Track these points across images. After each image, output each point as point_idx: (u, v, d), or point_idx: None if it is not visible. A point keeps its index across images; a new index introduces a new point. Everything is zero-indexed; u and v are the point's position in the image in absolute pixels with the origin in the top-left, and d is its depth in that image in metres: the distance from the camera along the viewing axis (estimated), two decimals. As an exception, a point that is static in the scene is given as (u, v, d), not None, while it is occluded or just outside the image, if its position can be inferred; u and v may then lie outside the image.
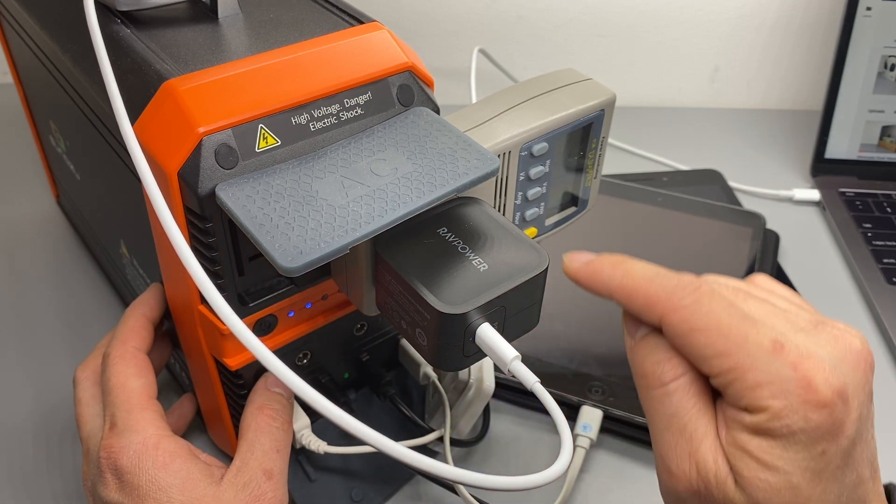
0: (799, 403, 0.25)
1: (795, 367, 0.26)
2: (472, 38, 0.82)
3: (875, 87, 0.72)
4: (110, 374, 0.38)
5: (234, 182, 0.31)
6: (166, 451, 0.35)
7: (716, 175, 0.74)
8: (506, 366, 0.31)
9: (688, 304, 0.28)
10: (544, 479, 0.28)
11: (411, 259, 0.32)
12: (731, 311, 0.28)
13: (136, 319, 0.40)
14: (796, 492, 0.26)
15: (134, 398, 0.37)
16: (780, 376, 0.26)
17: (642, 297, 0.29)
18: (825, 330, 0.28)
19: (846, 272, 0.65)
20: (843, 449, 0.26)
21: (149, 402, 0.37)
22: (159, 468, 0.34)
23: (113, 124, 0.35)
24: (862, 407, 0.27)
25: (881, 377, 0.55)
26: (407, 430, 0.44)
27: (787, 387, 0.26)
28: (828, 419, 0.26)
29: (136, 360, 0.39)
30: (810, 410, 0.25)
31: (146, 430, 0.35)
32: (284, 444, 0.38)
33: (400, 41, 0.37)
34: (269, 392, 0.39)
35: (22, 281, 0.59)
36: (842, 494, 0.26)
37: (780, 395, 0.26)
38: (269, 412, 0.38)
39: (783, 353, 0.26)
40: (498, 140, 0.37)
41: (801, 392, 0.25)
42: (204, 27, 0.37)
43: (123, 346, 0.39)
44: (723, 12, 0.82)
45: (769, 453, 0.26)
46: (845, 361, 0.27)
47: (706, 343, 0.27)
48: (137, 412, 0.36)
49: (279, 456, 0.37)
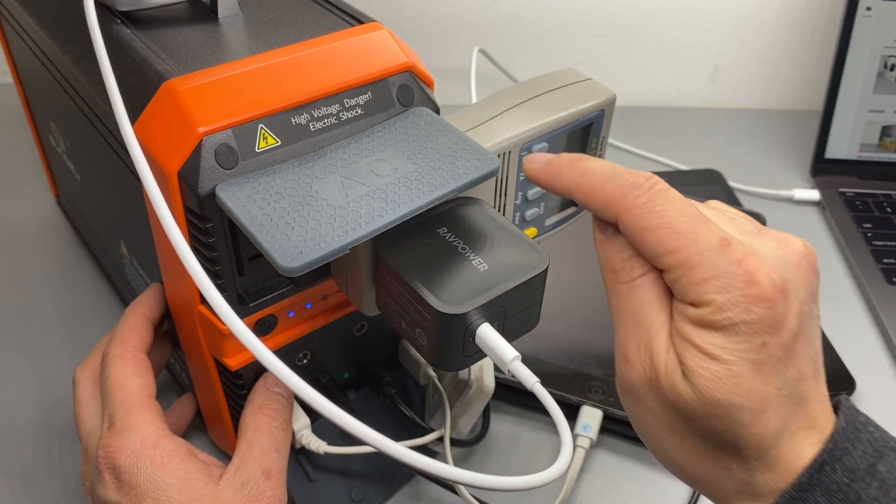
0: (741, 297, 0.26)
1: (739, 264, 0.27)
2: (472, 38, 0.82)
3: (875, 87, 0.72)
4: (109, 373, 0.38)
5: (233, 182, 0.31)
6: (164, 451, 0.35)
7: (716, 175, 0.74)
8: (506, 366, 0.31)
9: (641, 203, 0.29)
10: (544, 479, 0.28)
11: (411, 259, 0.32)
12: (682, 210, 0.28)
13: (135, 319, 0.40)
14: (737, 381, 0.27)
15: (133, 397, 0.37)
16: (725, 272, 0.27)
17: (599, 196, 0.30)
18: (769, 234, 0.30)
19: (846, 272, 0.65)
20: (784, 342, 0.27)
21: (147, 402, 0.37)
22: (157, 467, 0.34)
23: (113, 124, 0.35)
24: (803, 304, 0.28)
25: (881, 377, 0.55)
26: (407, 430, 0.44)
27: (731, 282, 0.27)
28: (769, 313, 0.27)
29: (136, 359, 0.39)
30: (752, 304, 0.26)
31: (145, 430, 0.35)
32: (283, 443, 0.38)
33: (400, 41, 0.37)
34: (269, 392, 0.39)
35: (22, 281, 0.59)
36: (783, 387, 0.27)
37: (723, 289, 0.27)
38: (269, 412, 0.38)
39: (729, 250, 0.27)
40: (498, 140, 0.37)
41: (744, 287, 0.26)
42: (204, 27, 0.37)
43: (123, 346, 0.39)
44: (723, 12, 0.82)
45: (712, 344, 0.27)
46: (788, 261, 0.28)
47: (657, 240, 0.28)
48: (136, 411, 0.36)
49: (278, 455, 0.37)
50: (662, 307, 0.29)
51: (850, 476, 0.27)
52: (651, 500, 0.47)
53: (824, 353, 0.59)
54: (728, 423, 0.27)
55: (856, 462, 0.27)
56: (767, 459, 0.28)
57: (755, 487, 0.28)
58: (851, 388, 0.53)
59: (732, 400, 0.27)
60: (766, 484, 0.28)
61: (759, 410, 0.27)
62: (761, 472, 0.28)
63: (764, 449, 0.28)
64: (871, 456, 0.27)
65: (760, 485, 0.28)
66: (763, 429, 0.27)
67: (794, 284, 0.28)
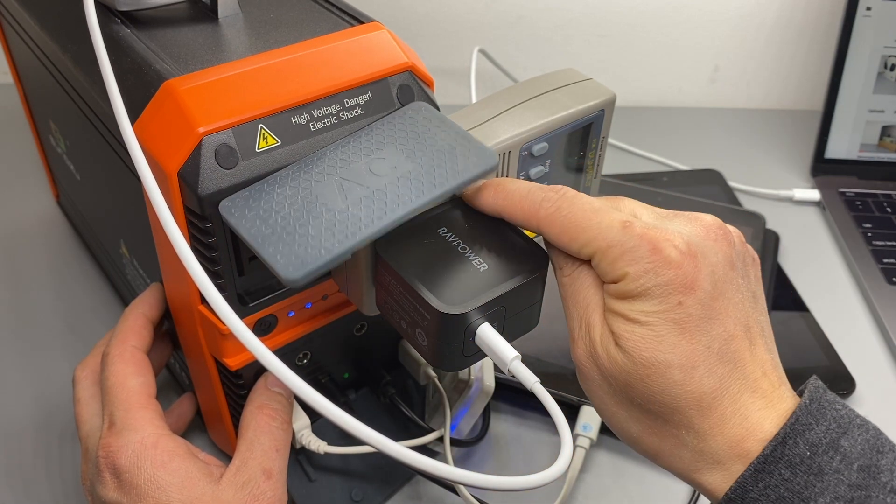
0: (649, 265, 0.29)
1: (642, 237, 0.30)
2: (472, 38, 0.82)
3: (875, 87, 0.72)
4: (109, 373, 0.38)
5: (235, 197, 0.31)
6: (165, 450, 0.35)
7: (716, 175, 0.74)
8: (506, 366, 0.31)
9: (552, 212, 0.32)
10: (544, 479, 0.28)
11: (411, 259, 0.32)
12: (584, 208, 0.31)
13: (135, 319, 0.40)
14: (661, 339, 0.29)
15: (133, 397, 0.37)
16: (631, 246, 0.30)
17: (520, 213, 0.33)
18: (682, 215, 0.32)
19: (846, 272, 0.65)
20: (700, 300, 0.29)
21: (147, 401, 0.37)
22: (158, 467, 0.34)
23: (113, 124, 0.35)
24: (714, 267, 0.30)
25: (881, 377, 0.55)
26: (407, 430, 0.44)
27: (638, 254, 0.29)
28: (678, 273, 0.29)
29: (135, 358, 0.39)
30: (660, 268, 0.29)
31: (145, 429, 0.35)
32: (284, 443, 0.38)
33: (400, 41, 0.37)
34: (269, 391, 0.39)
35: (22, 281, 0.59)
36: (710, 345, 0.29)
37: (633, 261, 0.29)
38: (269, 411, 0.38)
39: (631, 228, 0.30)
40: (498, 140, 0.37)
41: (649, 255, 0.29)
42: (204, 27, 0.37)
43: (122, 346, 0.39)
44: (723, 12, 0.82)
45: (633, 310, 0.30)
46: (695, 232, 0.31)
47: (572, 239, 0.31)
48: (136, 411, 0.36)
49: (278, 455, 0.37)
50: (596, 290, 0.32)
51: (812, 450, 0.28)
52: (651, 499, 0.47)
53: (825, 352, 0.59)
54: (661, 382, 0.29)
55: (819, 437, 0.28)
56: (713, 420, 0.29)
57: (711, 454, 0.30)
58: (851, 388, 0.53)
59: (659, 357, 0.29)
60: (721, 449, 0.29)
61: (689, 366, 0.29)
62: (712, 437, 0.29)
63: (703, 408, 0.29)
64: (834, 432, 0.28)
65: (715, 451, 0.29)
66: (697, 385, 0.29)
67: (702, 249, 0.30)
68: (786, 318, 0.58)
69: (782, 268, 0.63)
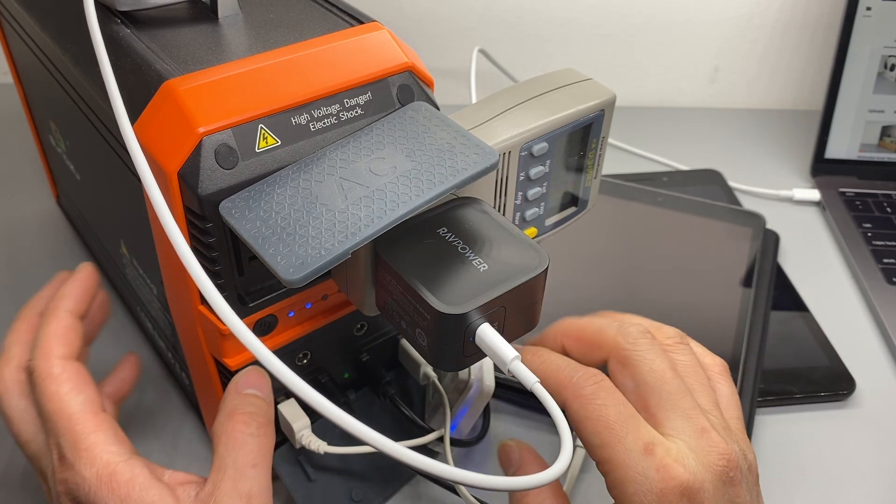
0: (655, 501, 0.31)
1: (658, 470, 0.31)
2: (472, 38, 0.82)
3: (875, 87, 0.72)
4: (43, 399, 0.34)
5: (236, 198, 0.31)
6: (121, 482, 0.32)
7: (716, 175, 0.74)
8: (506, 366, 0.31)
9: (586, 394, 0.33)
10: (544, 479, 0.28)
11: (411, 259, 0.32)
12: (619, 409, 0.33)
13: (58, 322, 0.36)
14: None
15: (77, 424, 0.33)
16: (646, 476, 0.31)
17: (553, 381, 0.35)
18: (706, 437, 0.33)
19: (846, 272, 0.65)
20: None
21: (95, 422, 0.34)
22: (118, 501, 0.31)
23: (113, 124, 0.35)
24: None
25: (881, 377, 0.55)
26: (407, 430, 0.44)
27: (650, 486, 0.31)
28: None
29: (68, 373, 0.35)
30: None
31: (98, 460, 0.32)
32: (261, 454, 0.33)
33: (400, 41, 0.37)
34: (241, 395, 0.35)
35: (22, 281, 0.59)
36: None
37: (641, 493, 0.31)
38: (241, 417, 0.33)
39: (652, 456, 0.31)
40: (498, 140, 0.37)
41: (658, 491, 0.31)
42: (204, 27, 0.37)
43: (48, 361, 0.35)
44: (723, 12, 0.82)
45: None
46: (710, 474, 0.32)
47: (593, 431, 0.33)
48: (84, 438, 0.33)
49: (256, 472, 0.32)
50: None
51: None
52: (651, 500, 0.47)
53: (825, 352, 0.59)
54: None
55: None
56: None
57: None
58: (851, 388, 0.53)
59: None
60: None
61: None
62: None
63: None
64: None
65: None
66: None
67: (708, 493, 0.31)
68: (786, 318, 0.58)
69: (782, 268, 0.63)
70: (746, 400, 0.51)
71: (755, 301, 0.58)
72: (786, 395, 0.52)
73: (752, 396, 0.51)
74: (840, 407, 0.53)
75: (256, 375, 0.36)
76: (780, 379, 0.53)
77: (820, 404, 0.53)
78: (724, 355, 0.53)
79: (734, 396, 0.37)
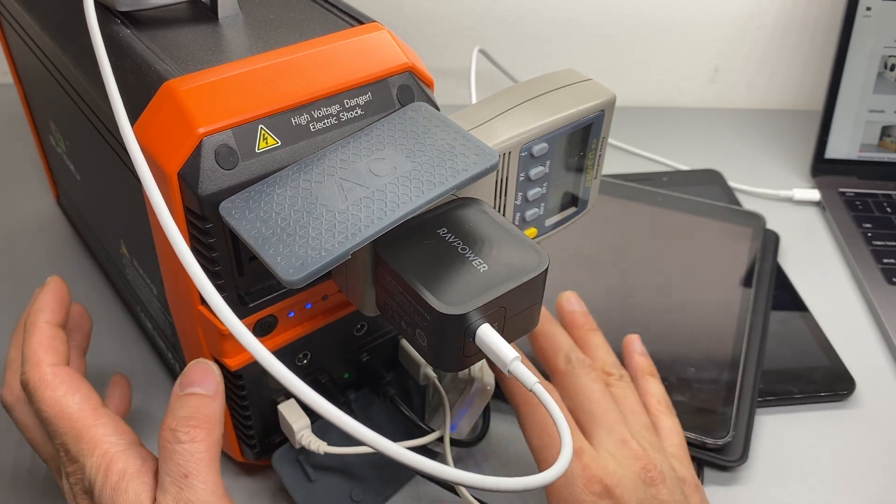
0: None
1: (583, 469, 0.37)
2: (472, 38, 0.82)
3: (875, 87, 0.72)
4: (41, 405, 0.35)
5: (236, 198, 0.31)
6: (115, 472, 0.33)
7: (716, 175, 0.74)
8: (506, 366, 0.31)
9: (534, 402, 0.39)
10: (544, 480, 0.28)
11: (411, 260, 0.32)
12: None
13: (40, 333, 0.37)
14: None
15: (77, 423, 0.34)
16: (573, 473, 0.37)
17: (510, 386, 0.41)
18: (625, 447, 0.39)
19: (846, 272, 0.65)
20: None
21: (94, 417, 0.35)
22: (114, 489, 0.32)
23: (113, 124, 0.35)
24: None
25: (881, 377, 0.55)
26: (407, 431, 0.44)
27: (575, 481, 0.37)
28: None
29: (59, 377, 0.36)
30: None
31: (97, 450, 0.33)
32: (193, 462, 0.32)
33: (400, 41, 0.37)
34: (178, 398, 0.34)
35: (22, 281, 0.59)
36: None
37: (568, 486, 0.37)
38: (169, 423, 0.33)
39: (580, 459, 0.38)
40: (498, 140, 0.37)
41: (582, 486, 0.37)
42: (204, 27, 0.37)
43: (39, 370, 0.36)
44: (723, 12, 0.82)
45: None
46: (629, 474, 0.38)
47: (537, 435, 0.39)
48: (85, 434, 0.34)
49: (191, 481, 0.31)
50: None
51: None
52: (651, 500, 0.47)
53: (825, 352, 0.59)
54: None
55: None
56: None
57: None
58: (851, 388, 0.53)
59: None
60: None
61: None
62: None
63: None
64: None
65: None
66: None
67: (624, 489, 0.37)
68: (786, 318, 0.58)
69: (782, 268, 0.63)
70: (746, 400, 0.51)
71: (755, 301, 0.58)
72: (786, 395, 0.52)
73: (752, 396, 0.51)
74: (840, 407, 0.53)
75: (199, 370, 0.35)
76: (780, 379, 0.53)
77: (820, 404, 0.53)
78: (724, 355, 0.54)
79: (676, 427, 0.44)
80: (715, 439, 0.48)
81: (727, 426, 0.48)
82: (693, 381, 0.52)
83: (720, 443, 0.48)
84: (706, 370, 0.53)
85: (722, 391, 0.51)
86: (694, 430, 0.48)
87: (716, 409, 0.50)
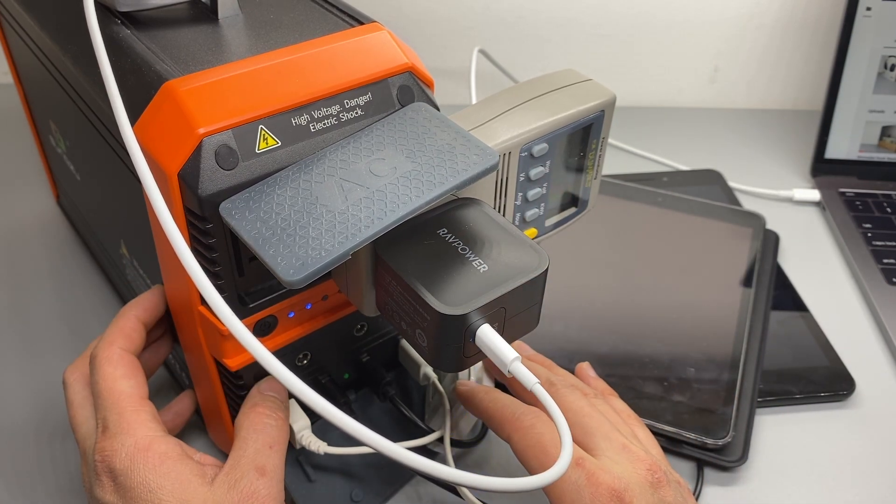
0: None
1: (588, 478, 0.36)
2: (472, 38, 0.82)
3: (875, 87, 0.72)
4: (98, 377, 0.38)
5: (236, 199, 0.31)
6: (157, 453, 0.35)
7: (716, 175, 0.74)
8: (506, 367, 0.31)
9: (526, 426, 0.38)
10: (545, 480, 0.28)
11: (411, 260, 0.32)
12: (554, 436, 0.37)
13: (125, 320, 0.40)
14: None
15: (124, 400, 0.36)
16: (578, 484, 0.36)
17: (498, 416, 0.40)
18: (627, 452, 0.38)
19: (846, 272, 0.65)
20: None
21: (140, 404, 0.37)
22: (150, 470, 0.34)
23: (113, 125, 0.35)
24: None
25: (881, 377, 0.55)
26: (407, 431, 0.45)
27: (582, 492, 0.35)
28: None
29: (124, 361, 0.38)
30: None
31: (137, 433, 0.35)
32: (278, 440, 0.37)
33: (400, 42, 0.37)
34: (263, 395, 0.39)
35: (22, 281, 0.59)
36: None
37: (577, 500, 0.35)
38: (263, 409, 0.38)
39: (583, 468, 0.36)
40: (498, 141, 0.37)
41: (591, 496, 0.35)
42: (204, 28, 0.37)
43: (110, 348, 0.38)
44: (723, 12, 0.82)
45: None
46: (636, 477, 0.37)
47: (534, 456, 0.37)
48: (128, 414, 0.36)
49: (272, 451, 0.36)
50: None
51: None
52: (651, 500, 0.47)
53: (825, 352, 0.59)
54: None
55: None
56: None
57: None
58: (851, 388, 0.53)
59: None
60: None
61: None
62: None
63: None
64: None
65: None
66: None
67: (633, 493, 0.36)
68: (786, 318, 0.58)
69: (782, 268, 0.63)
70: (746, 400, 0.51)
71: (755, 301, 0.58)
72: (786, 395, 0.52)
73: (752, 396, 0.51)
74: (840, 407, 0.53)
75: (276, 383, 0.39)
76: (780, 379, 0.53)
77: (820, 404, 0.53)
78: (724, 355, 0.54)
79: (651, 438, 0.43)
80: (715, 439, 0.48)
81: (727, 426, 0.48)
82: (693, 381, 0.52)
83: (720, 443, 0.48)
84: (706, 370, 0.53)
85: (722, 391, 0.51)
86: (694, 430, 0.48)
87: (716, 410, 0.50)
